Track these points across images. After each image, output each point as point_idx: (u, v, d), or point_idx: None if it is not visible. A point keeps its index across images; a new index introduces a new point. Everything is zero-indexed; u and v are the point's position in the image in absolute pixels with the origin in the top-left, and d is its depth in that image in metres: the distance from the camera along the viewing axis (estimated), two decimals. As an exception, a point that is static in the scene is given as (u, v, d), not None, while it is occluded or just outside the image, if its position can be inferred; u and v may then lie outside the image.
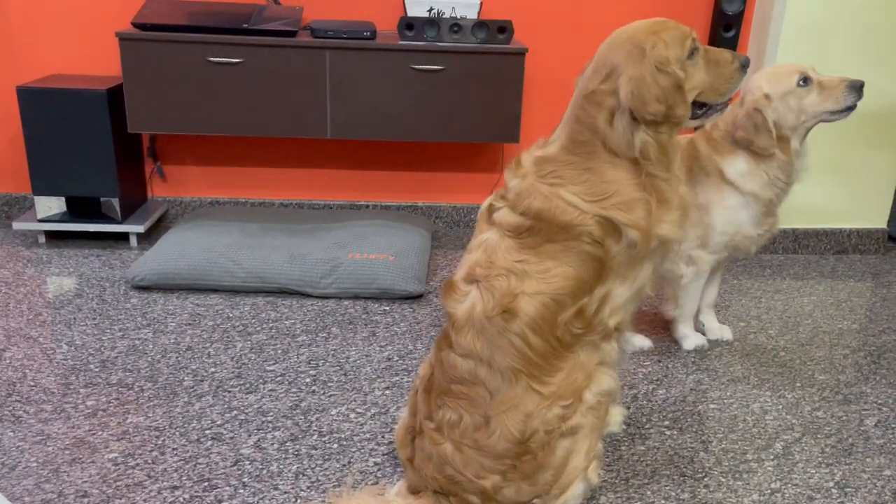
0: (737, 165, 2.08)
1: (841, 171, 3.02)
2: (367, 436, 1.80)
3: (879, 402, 2.05)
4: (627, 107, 1.32)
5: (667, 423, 1.92)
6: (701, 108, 1.48)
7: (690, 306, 2.27)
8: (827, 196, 3.06)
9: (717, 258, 2.19)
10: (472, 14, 2.85)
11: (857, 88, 1.99)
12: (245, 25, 2.63)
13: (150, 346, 2.17)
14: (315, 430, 1.81)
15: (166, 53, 2.62)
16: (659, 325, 2.41)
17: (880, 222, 3.15)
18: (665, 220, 1.36)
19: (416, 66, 2.69)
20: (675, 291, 2.25)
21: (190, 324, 2.31)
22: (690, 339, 2.30)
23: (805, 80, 2.01)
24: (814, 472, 1.75)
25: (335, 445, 1.76)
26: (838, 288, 2.81)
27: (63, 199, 2.84)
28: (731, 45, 2.94)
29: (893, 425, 1.94)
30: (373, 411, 1.90)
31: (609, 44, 1.39)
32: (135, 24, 2.64)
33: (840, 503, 1.65)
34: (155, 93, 2.66)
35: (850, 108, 2.02)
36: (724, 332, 2.37)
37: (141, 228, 2.87)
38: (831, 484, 1.71)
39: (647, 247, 1.34)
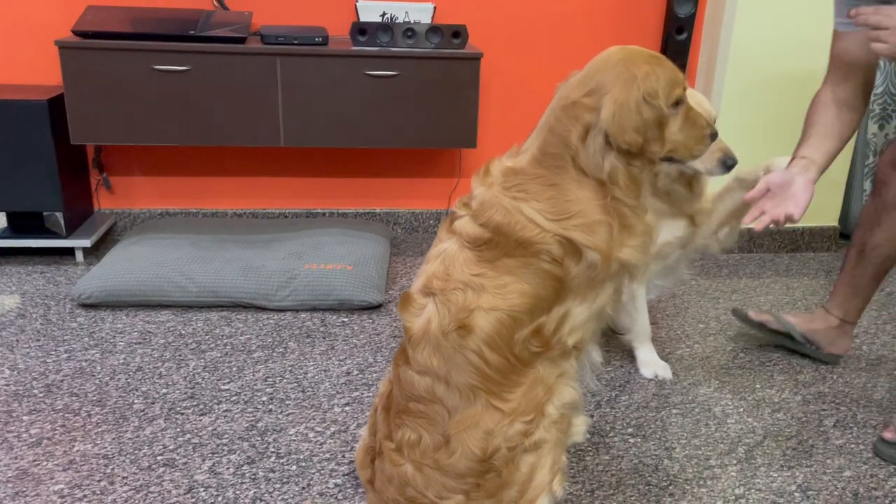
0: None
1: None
2: (327, 455, 1.75)
3: (837, 401, 2.07)
4: (605, 128, 1.28)
5: (630, 430, 1.91)
6: (666, 159, 1.43)
7: (641, 327, 2.18)
8: (780, 195, 3.10)
9: (646, 272, 2.10)
10: (425, 19, 2.81)
11: (728, 167, 1.90)
12: (192, 32, 2.56)
13: (98, 368, 2.08)
14: (273, 452, 1.75)
15: (109, 62, 2.53)
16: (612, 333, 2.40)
17: (832, 220, 3.20)
18: (627, 244, 1.32)
19: (370, 72, 2.65)
20: (624, 315, 2.17)
21: (140, 343, 2.23)
22: (649, 367, 2.18)
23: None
24: (776, 475, 1.75)
25: (294, 467, 1.70)
26: (793, 286, 2.85)
27: (3, 214, 2.72)
28: (683, 47, 2.95)
29: (851, 425, 1.96)
30: (332, 429, 1.85)
31: (602, 61, 1.35)
32: (75, 32, 2.54)
33: (803, 506, 1.65)
34: (98, 102, 2.57)
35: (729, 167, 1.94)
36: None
37: (87, 243, 2.77)
38: (793, 487, 1.71)
39: (606, 269, 1.32)
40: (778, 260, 3.13)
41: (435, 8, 2.85)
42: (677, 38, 2.95)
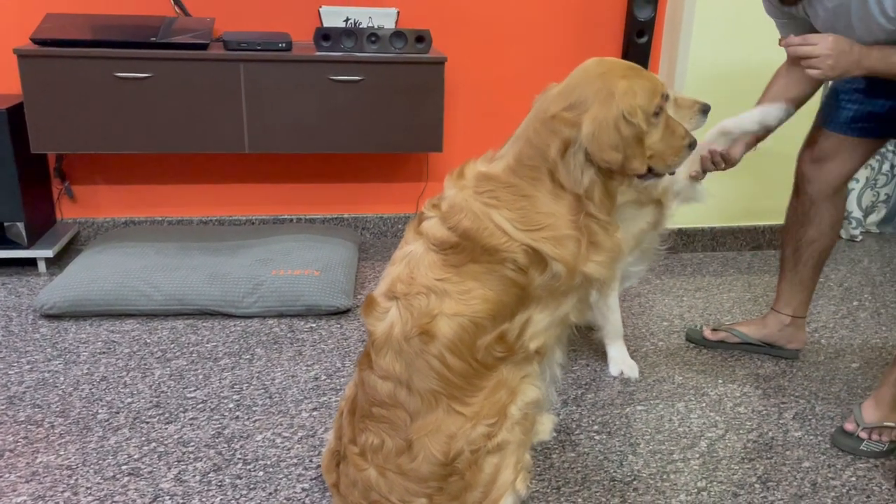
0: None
1: (754, 172, 3.12)
2: (295, 461, 1.75)
3: (796, 394, 2.12)
4: (585, 146, 1.29)
5: (596, 427, 1.94)
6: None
7: (612, 325, 2.20)
8: (742, 195, 3.16)
9: (621, 267, 2.12)
10: (389, 24, 2.83)
11: (706, 111, 2.01)
12: (153, 39, 2.54)
13: (62, 379, 2.06)
14: (239, 459, 1.75)
15: (69, 70, 2.50)
16: (586, 329, 2.43)
17: (792, 218, 3.27)
18: (593, 259, 1.34)
19: (335, 77, 2.65)
20: (595, 313, 2.20)
21: (104, 352, 2.21)
22: (616, 364, 2.21)
23: (664, 97, 2.01)
24: (737, 468, 1.79)
25: (261, 473, 1.70)
26: (755, 283, 2.91)
27: (-37, 225, 2.68)
28: (644, 51, 3.00)
29: (810, 417, 2.01)
30: (300, 434, 1.85)
31: (581, 74, 1.36)
32: (34, 40, 2.51)
33: (763, 497, 1.69)
34: (59, 111, 2.54)
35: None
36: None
37: (49, 253, 2.73)
38: (754, 479, 1.75)
39: (570, 282, 1.33)
40: (740, 258, 3.19)
41: (398, 13, 2.86)
42: (638, 42, 2.99)
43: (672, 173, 1.46)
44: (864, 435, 1.85)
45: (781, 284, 2.25)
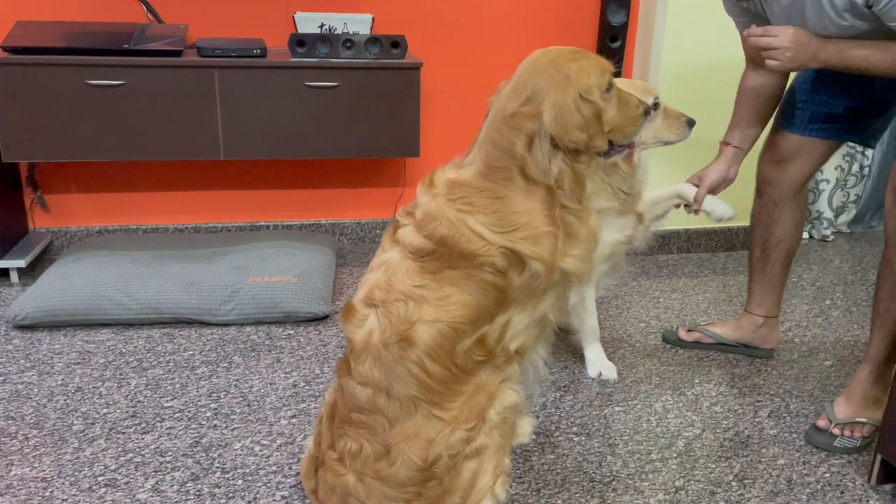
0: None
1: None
2: (274, 468, 1.74)
3: (771, 392, 2.15)
4: (550, 133, 1.31)
5: (575, 429, 1.95)
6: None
7: (589, 327, 2.22)
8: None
9: (596, 272, 2.14)
10: (364, 30, 2.83)
11: (692, 126, 2.09)
12: (126, 46, 2.52)
13: (35, 390, 2.03)
14: (218, 467, 1.73)
15: (41, 78, 2.47)
16: (564, 332, 2.44)
17: (765, 219, 3.32)
18: (570, 253, 1.35)
19: (310, 84, 2.65)
20: (573, 316, 2.22)
21: (79, 363, 2.18)
22: (594, 366, 2.22)
23: (656, 105, 2.05)
24: (714, 466, 1.81)
25: (239, 482, 1.69)
26: (730, 283, 2.94)
27: (-68, 235, 2.64)
28: (618, 54, 3.03)
29: (785, 415, 2.04)
30: (279, 442, 1.84)
31: (530, 67, 1.37)
32: (4, 48, 2.48)
33: (739, 495, 1.71)
34: (31, 119, 2.51)
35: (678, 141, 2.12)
36: (721, 209, 2.23)
37: (22, 263, 2.69)
38: (731, 477, 1.77)
39: (549, 279, 1.34)
40: (715, 259, 3.22)
41: (374, 19, 2.87)
42: (611, 46, 3.02)
43: (631, 145, 1.50)
44: (836, 431, 1.88)
45: (752, 286, 2.28)
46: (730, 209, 2.16)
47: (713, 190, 2.16)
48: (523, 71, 1.38)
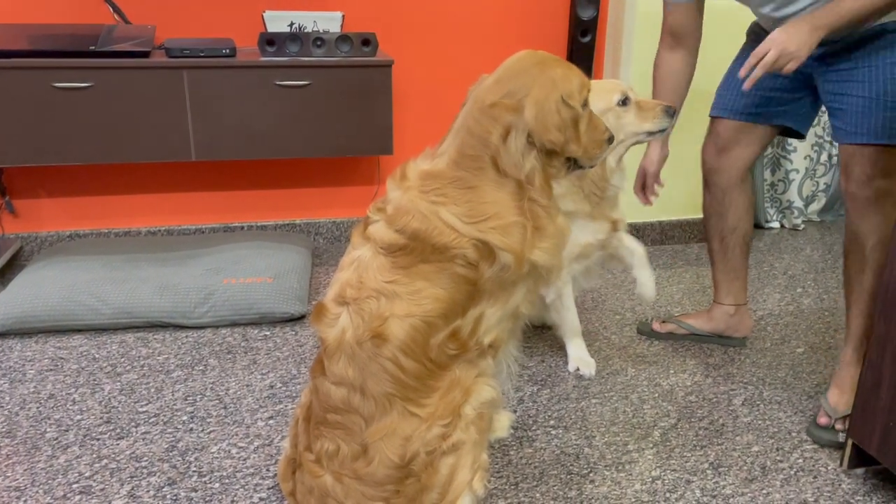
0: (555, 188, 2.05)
1: (698, 166, 3.19)
2: (251, 471, 1.73)
3: (745, 380, 2.18)
4: (529, 128, 1.32)
5: (552, 422, 1.96)
6: (568, 162, 1.45)
7: (568, 324, 2.23)
8: (688, 189, 3.23)
9: (568, 272, 2.18)
10: (334, 28, 2.82)
11: (671, 113, 2.06)
12: (92, 47, 2.49)
13: (7, 399, 2.00)
14: (194, 471, 1.72)
15: (5, 81, 2.43)
16: (539, 327, 2.46)
17: (737, 209, 3.36)
18: (539, 246, 1.35)
19: (281, 83, 2.63)
20: (552, 312, 2.24)
21: (51, 369, 2.15)
22: (573, 362, 2.23)
23: (625, 101, 2.02)
24: (690, 455, 1.83)
25: (217, 485, 1.68)
26: (703, 274, 2.97)
27: None
28: (588, 50, 3.05)
29: (758, 402, 2.07)
30: (256, 444, 1.83)
31: (516, 64, 1.38)
32: (-34, 51, 2.43)
33: (715, 482, 1.73)
34: (-5, 123, 2.47)
35: (662, 130, 2.08)
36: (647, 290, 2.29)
37: (-9, 270, 2.66)
38: (706, 465, 1.79)
39: (518, 271, 1.34)
40: (688, 250, 3.26)
41: (344, 16, 2.85)
42: (582, 41, 3.04)
43: (592, 166, 1.50)
44: (839, 426, 1.87)
45: (717, 276, 2.30)
46: (653, 294, 2.23)
47: (660, 168, 2.24)
48: (509, 67, 1.39)
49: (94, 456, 1.77)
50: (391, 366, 1.30)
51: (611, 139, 1.49)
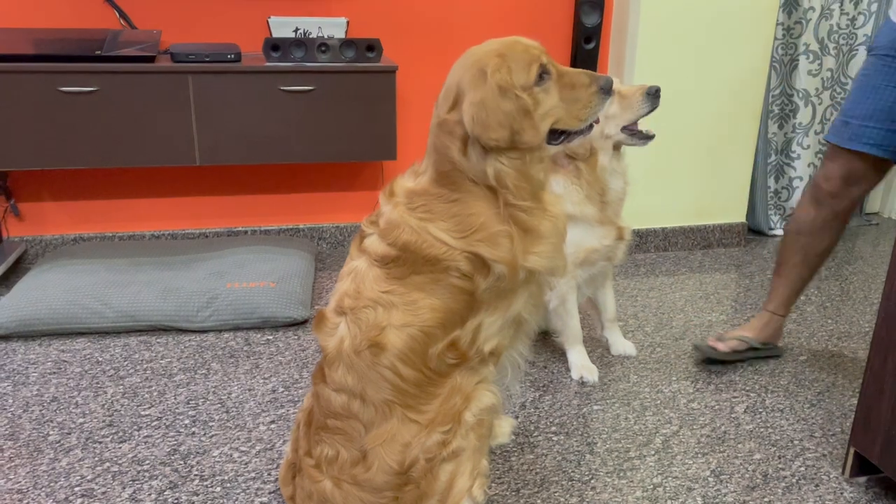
0: (552, 189, 1.98)
1: (702, 173, 3.20)
2: (253, 475, 1.73)
3: (747, 388, 2.17)
4: (472, 133, 1.28)
5: (554, 428, 1.96)
6: (560, 134, 1.38)
7: (571, 330, 2.23)
8: (692, 196, 3.24)
9: (573, 277, 2.17)
10: (339, 33, 2.83)
11: (653, 95, 1.98)
12: (98, 52, 2.50)
13: (10, 401, 2.01)
14: (196, 475, 1.72)
15: (12, 85, 2.45)
16: (545, 334, 2.46)
17: (740, 217, 3.36)
18: (533, 251, 1.33)
19: (285, 88, 2.64)
20: (554, 318, 2.23)
21: (55, 372, 2.16)
22: (576, 369, 2.22)
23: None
24: (691, 462, 1.83)
25: (218, 489, 1.68)
26: (706, 281, 2.97)
27: None
28: (592, 56, 3.05)
29: (760, 410, 2.06)
30: (258, 448, 1.83)
31: (457, 66, 1.35)
32: (-27, 55, 2.45)
33: (716, 490, 1.73)
34: (3, 127, 2.48)
35: (649, 138, 2.05)
36: (628, 348, 2.35)
37: (-5, 273, 2.67)
38: (707, 473, 1.79)
39: (514, 280, 1.33)
40: (692, 257, 3.25)
41: (348, 22, 2.87)
42: (586, 48, 3.04)
43: (591, 126, 1.40)
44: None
45: (779, 286, 2.23)
46: (633, 349, 2.36)
47: None
48: (451, 73, 1.35)
49: (97, 459, 1.77)
50: (390, 374, 1.30)
51: (604, 88, 1.35)
